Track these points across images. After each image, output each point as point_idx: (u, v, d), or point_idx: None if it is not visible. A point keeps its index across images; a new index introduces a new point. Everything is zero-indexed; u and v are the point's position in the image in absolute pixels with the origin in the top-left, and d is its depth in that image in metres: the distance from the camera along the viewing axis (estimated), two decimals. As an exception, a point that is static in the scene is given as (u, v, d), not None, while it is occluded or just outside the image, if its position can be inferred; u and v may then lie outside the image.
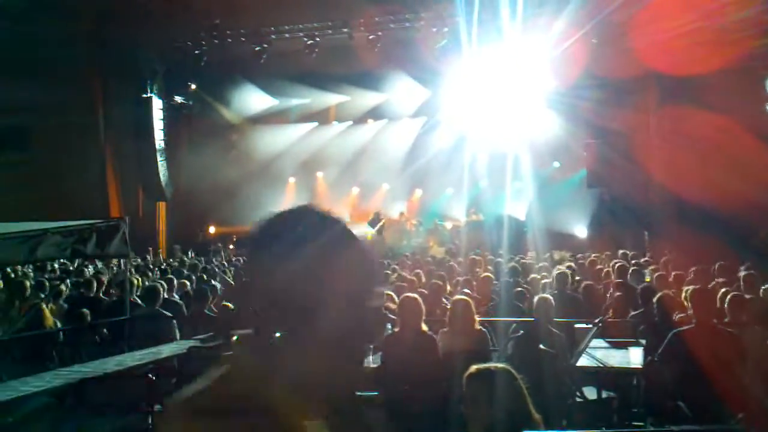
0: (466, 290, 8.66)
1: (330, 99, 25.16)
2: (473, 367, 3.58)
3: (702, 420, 5.19)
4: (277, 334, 1.36)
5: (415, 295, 6.70)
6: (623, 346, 7.02)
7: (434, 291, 9.19)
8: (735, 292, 7.30)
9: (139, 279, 11.39)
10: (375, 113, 25.36)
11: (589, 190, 20.75)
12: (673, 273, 10.24)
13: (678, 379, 5.81)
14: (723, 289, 7.50)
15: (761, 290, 7.51)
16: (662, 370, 6.02)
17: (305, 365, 1.37)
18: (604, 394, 6.55)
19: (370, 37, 20.15)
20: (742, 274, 9.31)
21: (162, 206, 24.39)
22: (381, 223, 22.87)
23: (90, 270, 13.41)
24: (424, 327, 6.46)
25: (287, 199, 26.17)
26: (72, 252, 7.68)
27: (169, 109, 24.33)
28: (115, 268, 13.98)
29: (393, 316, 6.90)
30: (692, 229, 14.56)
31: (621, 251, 15.46)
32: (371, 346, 6.78)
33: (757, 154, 15.84)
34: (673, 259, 13.03)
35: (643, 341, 6.84)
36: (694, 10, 16.28)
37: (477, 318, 6.84)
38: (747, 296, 7.22)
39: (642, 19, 16.67)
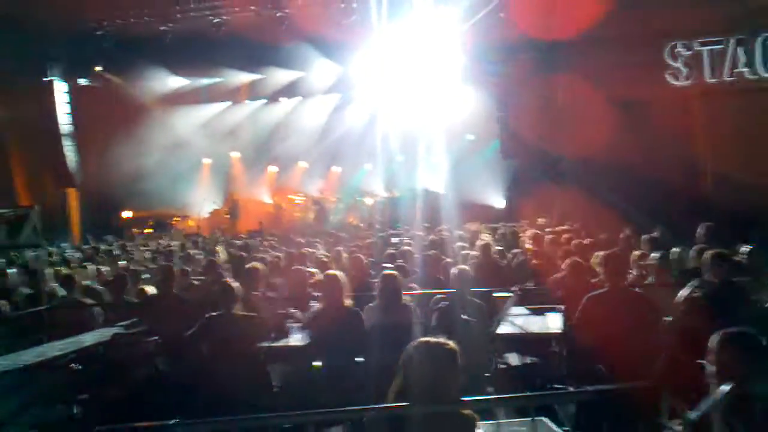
0: (388, 264, 8.73)
1: (242, 77, 24.70)
2: (417, 341, 3.62)
3: (619, 380, 5.38)
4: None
5: (336, 272, 6.81)
6: (543, 312, 7.23)
7: (356, 266, 9.30)
8: (642, 251, 7.63)
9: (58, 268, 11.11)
10: (288, 91, 25.01)
11: (505, 161, 21.14)
12: (587, 240, 10.57)
13: (595, 342, 6.02)
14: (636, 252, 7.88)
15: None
16: (579, 334, 6.23)
17: None
18: (527, 360, 6.76)
19: (278, 14, 19.83)
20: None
21: (73, 192, 23.58)
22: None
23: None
24: (347, 302, 6.56)
25: (203, 180, 25.76)
26: (-19, 243, 7.37)
27: (75, 93, 23.46)
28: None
29: (317, 293, 7.00)
30: (602, 196, 15.11)
31: (540, 219, 15.87)
32: (298, 325, 6.90)
33: (660, 119, 16.56)
34: (583, 226, 13.48)
35: (562, 307, 7.04)
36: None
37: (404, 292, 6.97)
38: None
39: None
